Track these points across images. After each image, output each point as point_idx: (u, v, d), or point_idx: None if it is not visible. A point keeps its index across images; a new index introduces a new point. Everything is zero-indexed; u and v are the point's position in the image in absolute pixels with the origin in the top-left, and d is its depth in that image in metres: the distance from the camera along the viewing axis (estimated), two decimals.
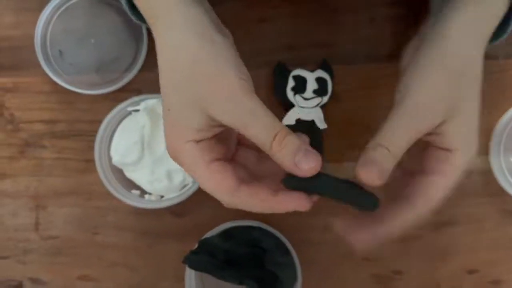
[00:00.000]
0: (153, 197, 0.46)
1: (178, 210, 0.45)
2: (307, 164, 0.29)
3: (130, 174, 0.46)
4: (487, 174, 0.46)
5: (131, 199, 0.45)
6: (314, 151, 0.30)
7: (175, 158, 0.32)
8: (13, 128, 0.48)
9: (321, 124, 0.46)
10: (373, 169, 0.31)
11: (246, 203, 0.31)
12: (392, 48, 0.47)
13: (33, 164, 0.48)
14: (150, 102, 0.45)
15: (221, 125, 0.31)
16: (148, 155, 0.45)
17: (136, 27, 0.47)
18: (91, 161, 0.45)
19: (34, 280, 0.47)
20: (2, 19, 0.49)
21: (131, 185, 0.46)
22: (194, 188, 0.44)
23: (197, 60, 0.30)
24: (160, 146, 0.45)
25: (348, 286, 0.47)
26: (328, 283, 0.47)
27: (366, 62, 0.47)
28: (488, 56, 0.46)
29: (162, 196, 0.46)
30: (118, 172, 0.46)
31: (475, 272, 0.47)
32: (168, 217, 0.47)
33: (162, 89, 0.32)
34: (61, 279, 0.47)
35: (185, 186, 0.45)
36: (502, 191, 0.45)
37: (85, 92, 0.47)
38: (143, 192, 0.46)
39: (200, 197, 0.46)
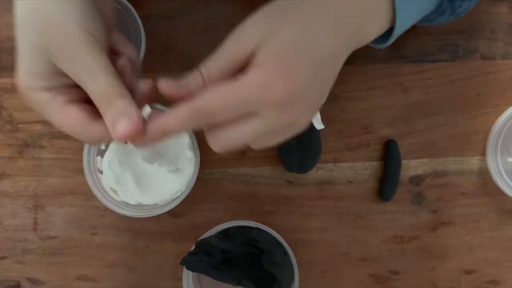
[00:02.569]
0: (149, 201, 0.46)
1: (175, 210, 0.45)
2: (121, 126, 0.29)
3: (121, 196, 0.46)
4: (484, 175, 0.46)
5: (124, 208, 0.45)
6: (137, 113, 0.30)
7: (28, 104, 0.32)
8: (11, 128, 0.48)
9: (319, 125, 0.46)
10: (176, 84, 0.31)
11: (104, 135, 0.31)
12: (391, 48, 0.47)
13: (31, 164, 0.48)
14: None
15: (66, 75, 0.31)
16: (131, 173, 0.46)
17: (135, 29, 0.47)
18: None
19: (32, 280, 0.47)
20: (2, 20, 0.49)
21: None
22: (187, 192, 0.44)
23: (44, 9, 0.31)
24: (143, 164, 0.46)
25: (345, 286, 0.47)
26: (326, 283, 0.47)
27: (365, 63, 0.47)
28: (485, 57, 0.47)
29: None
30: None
31: (473, 272, 0.47)
32: (165, 218, 0.47)
33: (17, 40, 0.33)
34: (59, 279, 0.47)
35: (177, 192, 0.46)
36: (499, 192, 0.46)
37: None
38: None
39: (197, 197, 0.46)
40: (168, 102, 0.32)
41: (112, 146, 0.46)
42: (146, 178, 0.46)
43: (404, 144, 0.47)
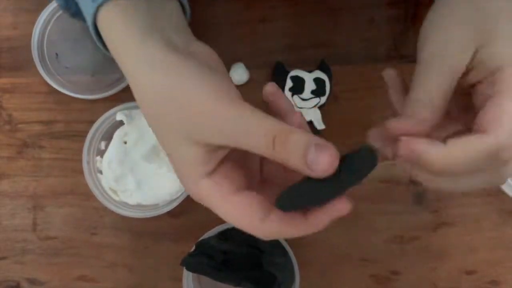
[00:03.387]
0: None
1: (175, 211, 0.45)
2: (322, 160, 0.25)
3: (121, 197, 0.46)
4: None
5: (123, 209, 0.45)
6: (327, 142, 0.25)
7: (196, 199, 0.29)
8: (11, 128, 0.48)
9: (319, 125, 0.46)
10: (407, 119, 0.28)
11: (278, 231, 0.28)
12: (391, 48, 0.47)
13: (31, 165, 0.48)
14: (126, 112, 0.45)
15: (220, 147, 0.28)
16: (131, 174, 0.46)
17: None
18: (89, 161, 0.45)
19: (32, 281, 0.47)
20: (1, 20, 0.49)
21: None
22: (187, 193, 0.44)
23: (167, 97, 0.28)
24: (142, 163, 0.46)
25: (345, 287, 0.47)
26: (326, 284, 0.47)
27: (365, 62, 0.47)
28: None
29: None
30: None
31: (473, 273, 0.47)
32: (165, 218, 0.47)
33: (155, 135, 0.30)
34: (59, 279, 0.47)
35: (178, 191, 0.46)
36: (500, 191, 0.45)
37: (81, 97, 0.47)
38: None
39: None
40: None
41: (111, 146, 0.46)
42: (146, 178, 0.45)
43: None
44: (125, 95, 0.47)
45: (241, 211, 0.27)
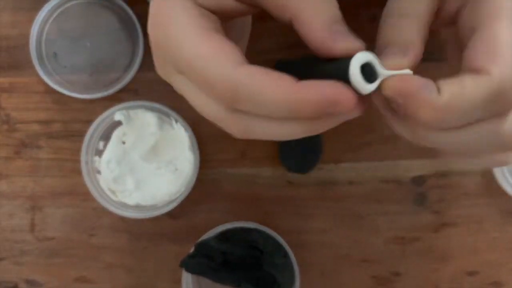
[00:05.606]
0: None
1: (174, 212, 0.45)
2: (346, 39, 0.22)
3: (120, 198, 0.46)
4: (487, 175, 0.46)
5: (122, 209, 0.45)
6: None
7: (158, 21, 0.24)
8: (9, 128, 0.47)
9: None
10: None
11: (256, 84, 0.22)
12: None
13: (29, 165, 0.47)
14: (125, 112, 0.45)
15: None
16: (129, 174, 0.45)
17: (132, 30, 0.47)
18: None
19: (30, 282, 0.47)
20: (0, 19, 0.49)
21: None
22: (186, 193, 0.44)
23: None
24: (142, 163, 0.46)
25: None
26: (326, 285, 0.46)
27: None
28: None
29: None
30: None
31: (475, 274, 0.46)
32: (164, 219, 0.46)
33: None
34: (57, 280, 0.47)
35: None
36: (502, 192, 0.45)
37: (79, 97, 0.46)
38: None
39: (197, 198, 0.46)
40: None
41: (110, 146, 0.46)
42: (144, 178, 0.45)
43: (406, 144, 0.46)
44: (124, 95, 0.47)
45: (216, 48, 0.22)
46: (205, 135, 0.46)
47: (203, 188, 0.46)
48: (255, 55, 0.46)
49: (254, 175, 0.47)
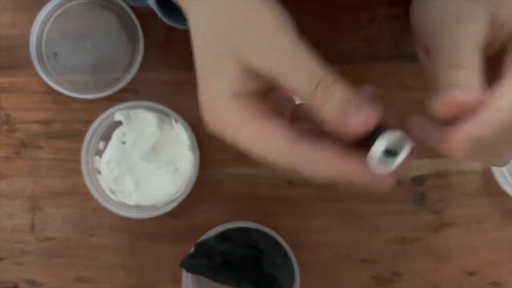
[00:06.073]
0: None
1: (174, 212, 0.45)
2: (361, 115, 0.24)
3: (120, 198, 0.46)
4: (487, 175, 0.46)
5: (122, 209, 0.45)
6: (369, 102, 0.25)
7: (214, 123, 0.27)
8: (9, 128, 0.47)
9: None
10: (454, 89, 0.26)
11: (308, 159, 0.25)
12: (392, 47, 0.47)
13: (29, 165, 0.47)
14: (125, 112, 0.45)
15: (260, 76, 0.26)
16: (130, 174, 0.45)
17: (133, 30, 0.47)
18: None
19: (30, 282, 0.47)
20: (0, 19, 0.49)
21: None
22: (186, 193, 0.44)
23: (227, 9, 0.26)
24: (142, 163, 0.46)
25: None
26: (326, 285, 0.46)
27: (366, 62, 0.47)
28: None
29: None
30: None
31: (475, 274, 0.46)
32: (164, 219, 0.46)
33: (194, 53, 0.28)
34: (57, 280, 0.47)
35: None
36: (502, 192, 0.45)
37: (79, 97, 0.46)
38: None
39: (197, 198, 0.46)
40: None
41: (110, 146, 0.46)
42: (145, 178, 0.45)
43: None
44: (124, 95, 0.47)
45: (268, 134, 0.25)
46: (205, 135, 0.46)
47: (203, 188, 0.46)
48: None
49: (254, 175, 0.47)
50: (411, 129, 0.27)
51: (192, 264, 0.41)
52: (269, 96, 0.27)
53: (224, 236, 0.43)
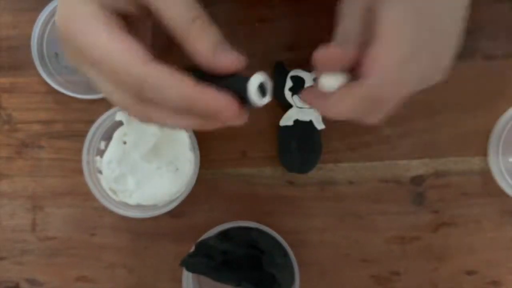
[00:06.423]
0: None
1: (175, 211, 0.45)
2: (231, 56, 0.26)
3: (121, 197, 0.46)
4: (486, 175, 0.46)
5: (123, 209, 0.45)
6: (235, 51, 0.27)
7: (67, 27, 0.26)
8: (10, 128, 0.48)
9: (319, 125, 0.46)
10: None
11: (160, 82, 0.25)
12: None
13: (30, 165, 0.48)
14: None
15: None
16: (130, 174, 0.46)
17: None
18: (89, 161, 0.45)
19: (31, 281, 0.47)
20: (1, 19, 0.49)
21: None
22: (187, 193, 0.44)
23: None
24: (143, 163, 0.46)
25: (346, 287, 0.47)
26: (326, 285, 0.47)
27: None
28: (486, 57, 0.46)
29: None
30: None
31: (474, 273, 0.46)
32: (165, 218, 0.46)
33: None
34: (58, 280, 0.47)
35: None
36: (501, 192, 0.45)
37: (80, 97, 0.47)
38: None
39: (197, 198, 0.46)
40: None
41: (111, 146, 0.46)
42: (145, 178, 0.45)
43: (405, 144, 0.46)
44: None
45: (125, 45, 0.25)
46: (205, 135, 0.46)
47: (203, 188, 0.46)
48: (256, 55, 0.47)
49: (254, 175, 0.47)
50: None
51: (192, 263, 0.41)
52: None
53: (224, 235, 0.43)
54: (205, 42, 0.26)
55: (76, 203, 0.47)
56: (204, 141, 0.46)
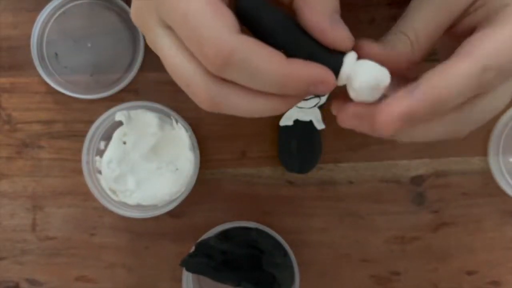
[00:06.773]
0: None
1: (175, 211, 0.45)
2: (345, 33, 0.23)
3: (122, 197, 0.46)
4: (486, 175, 0.46)
5: (123, 209, 0.45)
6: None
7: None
8: (10, 128, 0.48)
9: (319, 125, 0.46)
10: (392, 53, 0.25)
11: (251, 52, 0.22)
12: None
13: (30, 165, 0.48)
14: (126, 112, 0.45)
15: None
16: (130, 174, 0.46)
17: (133, 30, 0.47)
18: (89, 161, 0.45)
19: (31, 281, 0.47)
20: (1, 19, 0.49)
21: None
22: (187, 193, 0.44)
23: None
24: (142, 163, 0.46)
25: (345, 287, 0.47)
26: (326, 284, 0.47)
27: None
28: None
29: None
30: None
31: (474, 273, 0.46)
32: (165, 218, 0.46)
33: None
34: (58, 280, 0.47)
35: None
36: (501, 192, 0.45)
37: (80, 97, 0.47)
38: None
39: (197, 198, 0.46)
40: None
41: (111, 146, 0.46)
42: (145, 178, 0.45)
43: (405, 144, 0.46)
44: (125, 95, 0.47)
45: (218, 11, 0.21)
46: (205, 135, 0.46)
47: (203, 188, 0.46)
48: None
49: (254, 175, 0.47)
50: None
51: (192, 263, 0.41)
52: None
53: (224, 235, 0.43)
54: (324, 5, 0.23)
55: (76, 203, 0.47)
56: (204, 141, 0.46)
